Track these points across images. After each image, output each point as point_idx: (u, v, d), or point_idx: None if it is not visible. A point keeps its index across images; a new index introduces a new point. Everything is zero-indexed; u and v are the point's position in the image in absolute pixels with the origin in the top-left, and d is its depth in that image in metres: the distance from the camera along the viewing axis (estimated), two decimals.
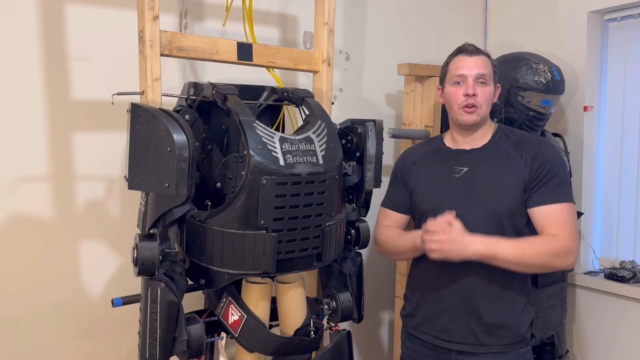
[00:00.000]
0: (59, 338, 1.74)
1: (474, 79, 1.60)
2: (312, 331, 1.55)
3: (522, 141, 1.66)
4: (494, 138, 1.68)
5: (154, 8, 1.37)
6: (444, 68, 1.69)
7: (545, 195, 1.56)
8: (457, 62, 1.64)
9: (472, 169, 1.64)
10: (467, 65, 1.61)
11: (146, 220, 1.35)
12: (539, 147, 1.62)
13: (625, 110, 2.34)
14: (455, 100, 1.63)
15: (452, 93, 1.64)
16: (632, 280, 2.24)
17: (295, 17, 2.16)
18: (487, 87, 1.62)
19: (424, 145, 1.83)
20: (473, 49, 1.64)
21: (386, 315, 2.54)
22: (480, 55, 1.63)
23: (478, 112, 1.61)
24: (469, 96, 1.59)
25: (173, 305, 1.31)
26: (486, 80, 1.61)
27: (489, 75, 1.62)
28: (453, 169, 1.66)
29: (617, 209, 2.38)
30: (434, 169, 1.71)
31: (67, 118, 1.70)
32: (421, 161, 1.75)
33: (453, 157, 1.69)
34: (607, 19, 2.36)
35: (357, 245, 1.67)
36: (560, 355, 2.19)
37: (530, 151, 1.61)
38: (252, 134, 1.33)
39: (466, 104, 1.60)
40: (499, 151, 1.64)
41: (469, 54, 1.62)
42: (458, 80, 1.62)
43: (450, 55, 1.68)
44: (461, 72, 1.61)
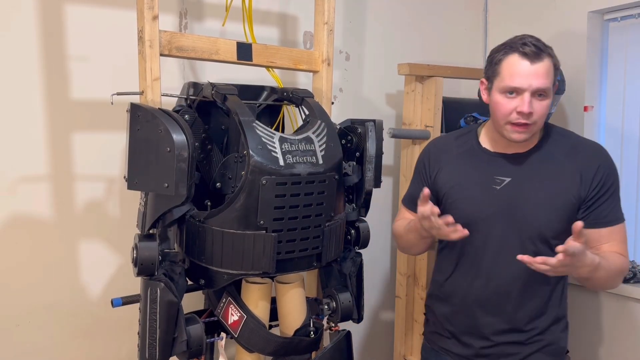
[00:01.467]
0: (59, 338, 1.74)
1: (532, 93, 1.32)
2: (312, 331, 1.55)
3: (578, 149, 1.44)
4: (542, 143, 1.45)
5: (154, 8, 1.37)
6: (494, 66, 1.38)
7: (604, 216, 1.41)
8: (512, 66, 1.33)
9: (515, 179, 1.43)
10: (526, 74, 1.31)
11: (146, 220, 1.35)
12: (599, 162, 1.42)
13: (625, 110, 2.34)
14: (504, 115, 1.36)
15: (502, 105, 1.36)
16: (632, 280, 2.23)
17: (295, 17, 2.16)
18: (546, 100, 1.34)
19: (455, 141, 1.57)
20: (534, 52, 1.31)
21: (386, 315, 2.54)
22: (542, 60, 1.32)
23: (531, 130, 1.37)
24: (523, 114, 1.33)
25: (173, 306, 1.31)
26: (546, 93, 1.33)
27: (550, 87, 1.34)
28: (493, 179, 1.44)
29: None
30: (470, 176, 1.49)
31: (66, 118, 1.70)
32: (453, 162, 1.53)
33: (492, 163, 1.47)
34: (607, 19, 2.36)
35: (357, 245, 1.67)
36: None
37: (589, 165, 1.41)
38: (252, 134, 1.33)
39: (517, 121, 1.34)
40: (548, 158, 1.42)
41: (530, 59, 1.31)
42: (511, 91, 1.34)
43: (501, 51, 1.37)
44: (517, 85, 1.32)
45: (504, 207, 1.42)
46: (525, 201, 1.41)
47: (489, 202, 1.44)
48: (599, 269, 1.30)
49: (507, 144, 1.45)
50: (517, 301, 1.46)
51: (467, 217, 1.41)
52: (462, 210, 1.46)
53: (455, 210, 1.46)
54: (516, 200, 1.42)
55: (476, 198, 1.46)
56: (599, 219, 1.42)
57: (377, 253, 2.44)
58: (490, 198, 1.44)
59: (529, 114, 1.33)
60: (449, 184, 1.51)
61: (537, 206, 1.41)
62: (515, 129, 1.37)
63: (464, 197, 1.48)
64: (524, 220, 1.40)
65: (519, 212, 1.41)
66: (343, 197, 1.54)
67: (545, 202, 1.41)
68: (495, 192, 1.44)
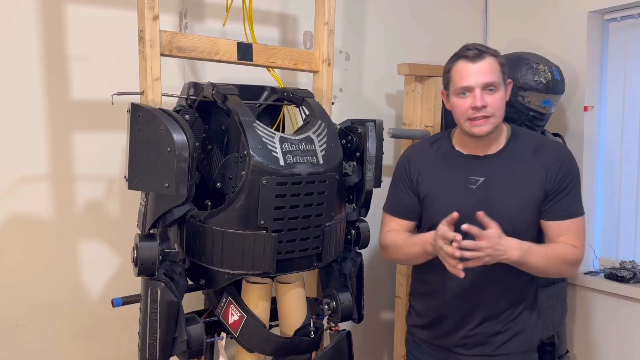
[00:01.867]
0: (59, 338, 1.74)
1: (481, 88, 1.46)
2: (312, 331, 1.55)
3: (542, 148, 1.57)
4: (509, 144, 1.58)
5: (154, 8, 1.37)
6: (446, 75, 1.55)
7: (564, 209, 1.53)
8: (459, 70, 1.49)
9: (488, 179, 1.55)
10: (472, 74, 1.47)
11: (146, 220, 1.35)
12: (562, 158, 1.55)
13: (625, 110, 2.34)
14: (462, 113, 1.50)
15: (458, 105, 1.51)
16: (632, 280, 2.24)
17: (295, 17, 2.16)
18: (497, 93, 1.48)
19: (430, 148, 1.69)
20: (475, 53, 1.48)
21: (386, 315, 2.54)
22: (484, 59, 1.47)
23: (491, 122, 1.49)
24: (477, 109, 1.47)
25: (173, 306, 1.31)
26: (495, 87, 1.47)
27: (497, 80, 1.47)
28: (469, 179, 1.56)
29: (617, 209, 2.38)
30: (448, 178, 1.60)
31: (66, 118, 1.70)
32: (431, 166, 1.64)
33: (467, 165, 1.59)
34: (607, 19, 2.36)
35: (357, 245, 1.67)
36: (560, 355, 2.19)
37: (553, 162, 1.53)
38: (252, 134, 1.33)
39: (474, 116, 1.48)
40: (516, 158, 1.55)
41: (472, 60, 1.47)
42: (463, 91, 1.49)
43: (450, 61, 1.54)
44: (466, 84, 1.47)
45: (480, 204, 1.50)
46: (498, 198, 1.53)
47: (466, 200, 1.54)
48: (531, 254, 1.44)
49: (477, 146, 1.58)
50: (493, 292, 1.57)
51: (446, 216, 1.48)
52: (441, 209, 1.55)
53: (436, 209, 1.59)
54: (490, 198, 1.53)
55: (455, 197, 1.57)
56: (559, 212, 1.53)
57: (378, 253, 2.43)
58: (467, 197, 1.55)
59: (482, 107, 1.47)
60: (429, 186, 1.62)
61: (509, 202, 1.53)
62: (474, 124, 1.50)
63: (443, 197, 1.59)
64: (498, 215, 1.46)
65: (493, 208, 1.50)
66: (343, 197, 1.55)
67: (516, 198, 1.53)
68: (471, 192, 1.56)
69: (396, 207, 1.70)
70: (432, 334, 1.66)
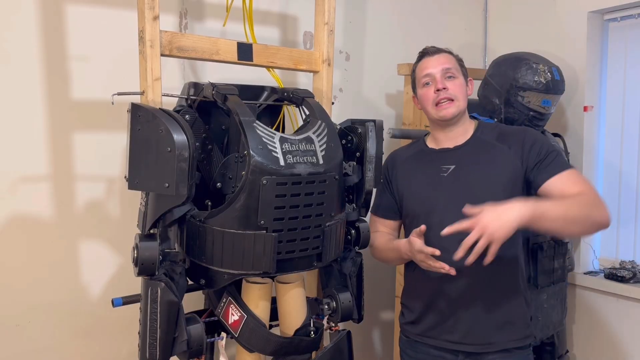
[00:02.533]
0: (59, 338, 1.74)
1: (441, 74, 1.61)
2: (312, 331, 1.55)
3: (505, 132, 1.66)
4: (475, 133, 1.68)
5: (154, 8, 1.37)
6: (412, 76, 1.72)
7: (548, 169, 1.55)
8: (421, 65, 1.67)
9: (458, 166, 1.63)
10: (431, 64, 1.63)
11: (146, 220, 1.35)
12: (524, 134, 1.63)
13: (625, 110, 2.34)
14: (428, 100, 1.64)
15: (424, 94, 1.65)
16: (632, 280, 2.24)
17: (295, 17, 2.16)
18: (457, 80, 1.63)
19: (407, 149, 1.82)
20: (434, 49, 1.67)
21: (386, 315, 2.54)
22: (441, 53, 1.66)
23: (455, 105, 1.61)
24: (439, 91, 1.60)
25: (173, 305, 1.31)
26: (454, 74, 1.63)
27: (454, 68, 1.64)
28: (440, 168, 1.65)
29: (617, 209, 2.38)
30: (421, 171, 1.69)
31: (66, 118, 1.70)
32: (406, 164, 1.74)
33: (438, 157, 1.68)
34: (607, 19, 2.36)
35: (357, 245, 1.67)
36: (560, 355, 2.19)
37: (517, 139, 1.61)
38: (252, 134, 1.33)
39: (439, 99, 1.61)
40: (483, 145, 1.64)
41: (430, 55, 1.66)
42: (427, 80, 1.64)
43: (414, 63, 1.71)
44: (427, 72, 1.63)
45: (453, 190, 1.59)
46: (471, 183, 1.59)
47: (438, 188, 1.62)
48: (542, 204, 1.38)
49: (447, 139, 1.67)
50: (480, 280, 1.56)
51: (423, 206, 1.62)
52: (418, 201, 1.66)
53: (413, 202, 1.67)
54: (463, 182, 1.60)
55: (427, 187, 1.65)
56: (546, 172, 1.55)
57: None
58: (439, 185, 1.63)
59: (444, 88, 1.60)
60: (404, 183, 1.71)
61: (481, 185, 1.58)
62: (440, 107, 1.61)
63: (418, 189, 1.68)
64: (471, 199, 1.45)
65: (466, 192, 1.56)
66: (343, 197, 1.55)
67: (487, 180, 1.58)
68: (442, 179, 1.63)
69: (380, 208, 1.79)
70: (422, 327, 1.67)
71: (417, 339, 1.70)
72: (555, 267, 2.09)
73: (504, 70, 2.07)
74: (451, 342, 1.62)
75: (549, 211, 1.37)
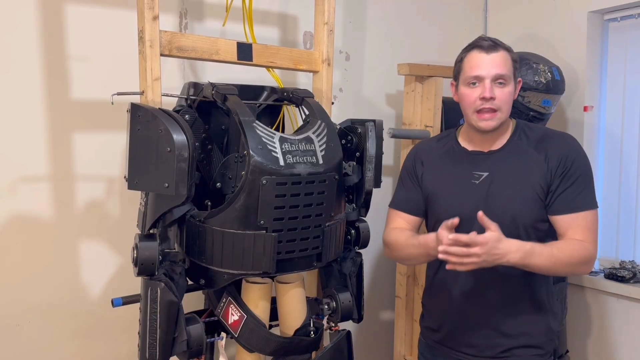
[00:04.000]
0: (59, 338, 1.74)
1: (492, 80, 1.45)
2: (312, 331, 1.55)
3: (545, 139, 1.53)
4: (512, 138, 1.55)
5: (154, 8, 1.37)
6: (457, 64, 1.54)
7: (568, 202, 1.46)
8: (472, 59, 1.48)
9: (491, 174, 1.52)
10: (484, 64, 1.45)
11: (146, 220, 1.35)
12: (563, 147, 1.50)
13: (625, 110, 2.34)
14: (470, 104, 1.49)
15: (467, 95, 1.49)
16: (632, 280, 2.24)
17: (295, 17, 2.16)
18: (507, 87, 1.47)
19: (437, 144, 1.68)
20: (490, 44, 1.47)
21: (386, 315, 2.54)
22: (498, 51, 1.47)
23: (498, 117, 1.47)
24: (485, 100, 1.45)
25: (173, 305, 1.31)
26: (505, 80, 1.46)
27: (508, 74, 1.46)
28: (472, 174, 1.54)
29: (617, 209, 2.38)
30: (451, 173, 1.58)
31: (66, 118, 1.70)
32: (436, 163, 1.63)
33: (471, 161, 1.56)
34: (607, 19, 2.36)
35: (357, 245, 1.67)
36: (560, 355, 2.19)
37: (554, 151, 1.49)
38: (252, 134, 1.33)
39: (482, 107, 1.46)
40: (519, 153, 1.52)
41: (486, 51, 1.46)
42: (473, 81, 1.47)
43: (464, 50, 1.53)
44: (477, 73, 1.46)
45: (483, 199, 1.50)
46: (501, 193, 1.50)
47: (469, 196, 1.53)
48: (534, 255, 1.38)
49: (482, 141, 1.56)
50: (500, 294, 1.52)
51: (450, 212, 1.48)
52: (445, 205, 1.56)
53: (439, 206, 1.58)
54: (493, 193, 1.51)
55: (457, 193, 1.55)
56: (562, 205, 1.47)
57: (378, 253, 2.44)
58: (470, 192, 1.53)
59: (490, 98, 1.45)
60: (433, 182, 1.61)
61: (511, 197, 1.49)
62: (482, 117, 1.48)
63: (447, 194, 1.58)
64: (501, 210, 1.46)
65: (496, 203, 1.49)
66: (343, 197, 1.55)
67: (518, 192, 1.49)
68: (474, 187, 1.53)
69: (402, 202, 1.66)
70: (441, 335, 1.62)
71: (435, 346, 1.65)
72: None
73: None
74: (469, 355, 1.57)
75: (535, 264, 1.40)
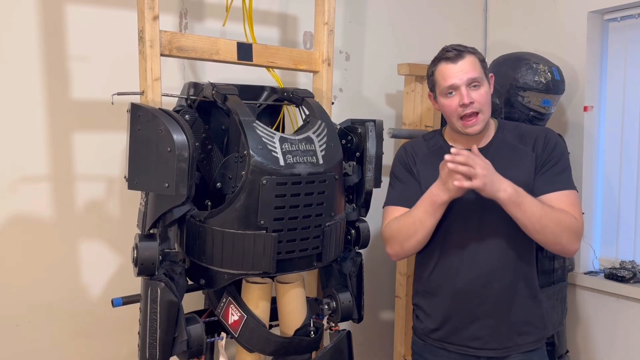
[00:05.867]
0: (59, 338, 1.74)
1: (466, 85, 1.51)
2: (312, 331, 1.55)
3: (527, 133, 1.61)
4: (497, 135, 1.61)
5: (154, 8, 1.37)
6: (430, 78, 1.60)
7: (550, 182, 1.52)
8: (442, 71, 1.54)
9: None
10: (454, 73, 1.51)
11: (146, 220, 1.35)
12: (545, 134, 1.59)
13: (625, 110, 2.34)
14: (452, 112, 1.54)
15: (447, 105, 1.55)
16: (632, 280, 2.24)
17: (295, 17, 2.16)
18: (482, 88, 1.52)
19: (425, 143, 1.71)
20: (455, 54, 1.53)
21: (386, 315, 2.54)
22: (464, 58, 1.52)
23: (481, 119, 1.53)
24: (465, 105, 1.50)
25: (173, 305, 1.31)
26: (479, 82, 1.52)
27: (479, 76, 1.52)
28: None
29: (617, 209, 2.38)
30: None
31: (66, 118, 1.70)
32: (427, 159, 1.64)
33: None
34: (607, 19, 2.36)
35: (357, 245, 1.67)
36: (560, 355, 2.19)
37: (537, 139, 1.57)
38: (252, 134, 1.33)
39: (465, 113, 1.51)
40: (505, 147, 1.59)
41: (453, 61, 1.52)
42: (449, 90, 1.53)
43: (432, 65, 1.59)
44: (450, 83, 1.51)
45: (474, 195, 1.50)
46: None
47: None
48: (526, 196, 1.43)
49: (468, 140, 1.58)
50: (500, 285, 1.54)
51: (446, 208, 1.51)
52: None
53: None
54: None
55: None
56: (547, 184, 1.53)
57: (378, 253, 2.44)
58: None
59: (470, 103, 1.50)
60: (427, 178, 1.59)
61: None
62: (467, 124, 1.53)
63: None
64: (492, 204, 1.47)
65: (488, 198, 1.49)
66: (343, 197, 1.55)
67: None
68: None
69: (399, 197, 1.64)
70: (442, 332, 1.61)
71: (436, 345, 1.63)
72: (555, 267, 2.09)
73: (504, 70, 2.07)
74: (473, 349, 1.57)
75: (528, 203, 1.43)
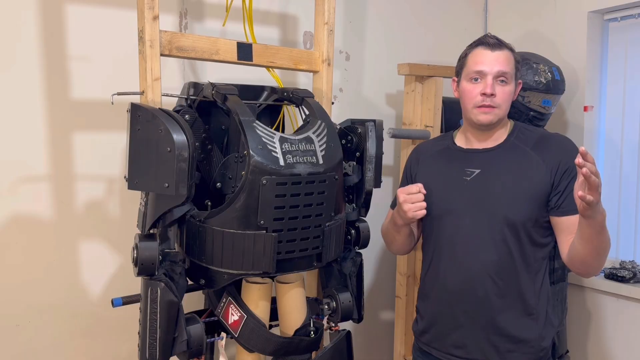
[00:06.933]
0: (59, 338, 1.74)
1: (494, 77, 1.46)
2: (312, 331, 1.55)
3: (543, 141, 1.52)
4: (509, 138, 1.54)
5: (154, 8, 1.37)
6: (461, 60, 1.54)
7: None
8: (476, 55, 1.49)
9: (484, 171, 1.51)
10: (488, 60, 1.46)
11: (146, 220, 1.35)
12: (565, 149, 1.49)
13: (625, 110, 2.34)
14: (471, 99, 1.49)
15: (468, 90, 1.49)
16: (632, 280, 2.24)
17: (295, 17, 2.16)
18: (508, 86, 1.47)
19: (434, 144, 1.70)
20: (495, 42, 1.48)
21: (386, 315, 2.54)
22: (502, 50, 1.48)
23: (496, 113, 1.47)
24: (486, 96, 1.46)
25: (173, 305, 1.31)
26: (507, 79, 1.47)
27: (510, 73, 1.47)
28: (464, 171, 1.53)
29: (617, 209, 2.38)
30: (443, 171, 1.58)
31: (66, 118, 1.70)
32: (429, 161, 1.63)
33: (464, 158, 1.56)
34: (607, 19, 2.36)
35: (357, 245, 1.67)
36: (560, 355, 2.19)
37: (555, 154, 1.47)
38: (252, 134, 1.33)
39: (482, 104, 1.47)
40: (515, 152, 1.51)
41: (491, 48, 1.47)
42: (476, 76, 1.48)
43: (469, 47, 1.54)
44: (480, 68, 1.46)
45: (474, 196, 1.49)
46: (493, 190, 1.49)
47: (459, 192, 1.52)
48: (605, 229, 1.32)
49: (478, 139, 1.55)
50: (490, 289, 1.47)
51: (440, 208, 1.52)
52: (436, 201, 1.55)
53: (430, 201, 1.54)
54: (485, 190, 1.49)
55: (448, 189, 1.55)
56: (571, 206, 1.39)
57: (378, 253, 2.44)
58: (461, 189, 1.52)
59: (491, 94, 1.45)
60: (425, 179, 1.59)
61: (504, 195, 1.47)
62: (480, 111, 1.48)
63: (438, 189, 1.57)
64: (492, 208, 1.46)
65: (487, 200, 1.48)
66: (343, 197, 1.55)
67: (512, 191, 1.47)
68: (465, 183, 1.52)
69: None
70: (430, 336, 1.59)
71: (424, 348, 1.61)
72: (555, 267, 2.09)
73: None
74: (456, 357, 1.53)
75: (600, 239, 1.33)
